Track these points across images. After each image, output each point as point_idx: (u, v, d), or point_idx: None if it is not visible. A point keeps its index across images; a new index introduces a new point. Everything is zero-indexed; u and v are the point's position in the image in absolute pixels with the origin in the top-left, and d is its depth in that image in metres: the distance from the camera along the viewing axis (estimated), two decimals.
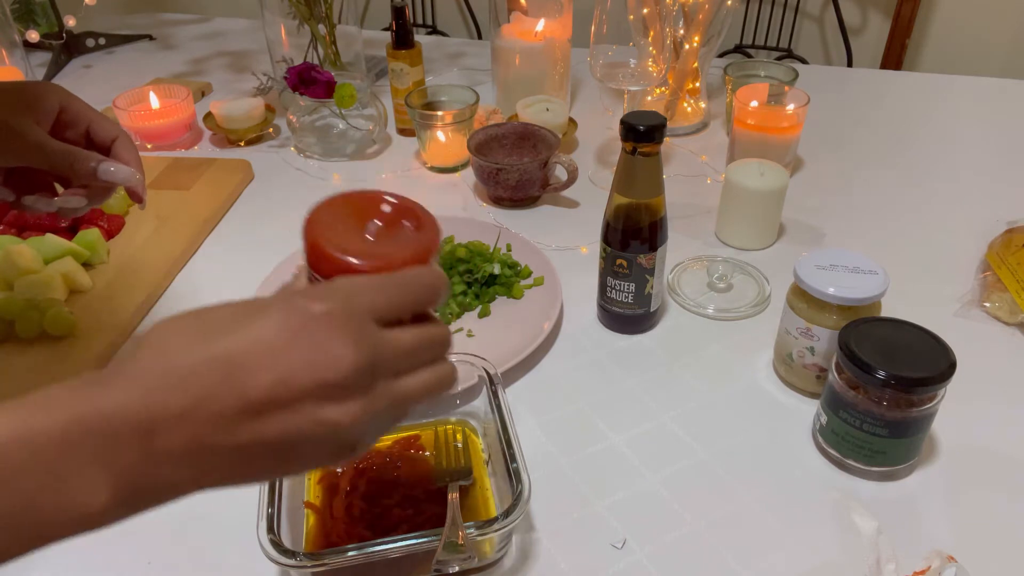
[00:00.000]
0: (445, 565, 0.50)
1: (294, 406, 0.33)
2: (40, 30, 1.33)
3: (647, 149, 0.64)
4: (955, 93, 1.25)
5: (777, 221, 0.87)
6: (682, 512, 0.57)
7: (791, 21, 2.07)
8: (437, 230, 0.42)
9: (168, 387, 0.31)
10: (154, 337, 0.33)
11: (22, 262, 0.76)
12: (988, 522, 0.56)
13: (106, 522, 0.31)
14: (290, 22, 1.13)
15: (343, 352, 0.33)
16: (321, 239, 0.40)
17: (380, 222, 0.42)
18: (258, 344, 0.33)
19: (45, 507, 0.29)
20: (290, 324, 0.33)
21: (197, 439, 0.31)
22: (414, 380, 0.38)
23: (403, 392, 0.37)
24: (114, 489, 0.30)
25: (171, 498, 0.33)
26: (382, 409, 0.36)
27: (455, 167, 1.05)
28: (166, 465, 0.31)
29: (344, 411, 0.34)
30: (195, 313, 0.34)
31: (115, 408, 0.30)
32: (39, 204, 0.60)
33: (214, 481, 0.33)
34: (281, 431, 0.33)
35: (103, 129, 0.61)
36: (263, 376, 0.32)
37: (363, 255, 0.39)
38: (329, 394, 0.33)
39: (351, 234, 0.41)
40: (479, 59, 1.39)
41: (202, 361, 0.32)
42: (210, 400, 0.31)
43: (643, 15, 0.86)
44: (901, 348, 0.56)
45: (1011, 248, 0.78)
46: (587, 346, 0.74)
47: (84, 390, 0.31)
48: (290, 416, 0.33)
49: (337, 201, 0.42)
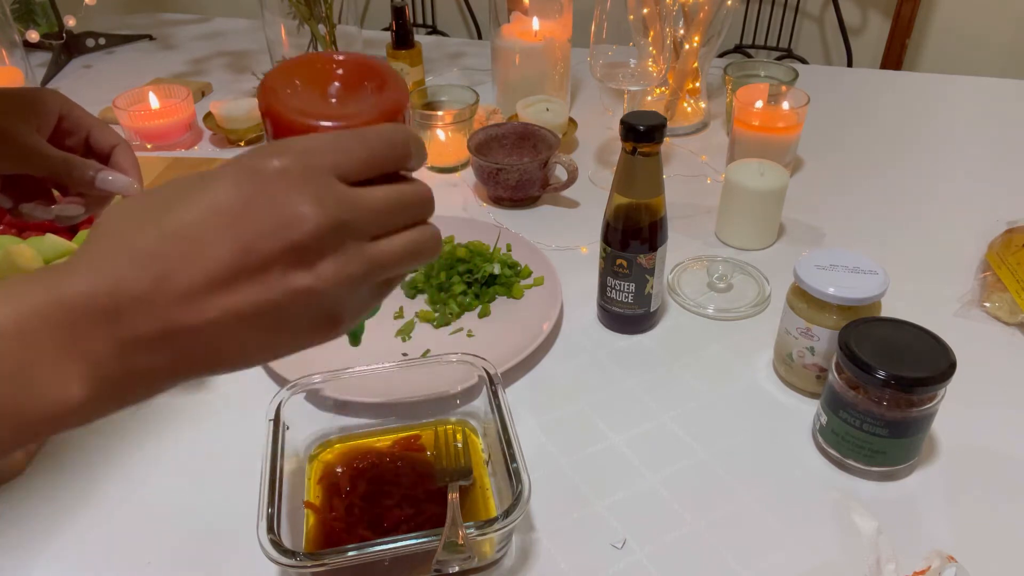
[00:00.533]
0: (445, 565, 0.50)
1: (261, 274, 0.31)
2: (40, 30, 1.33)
3: (647, 149, 0.64)
4: (955, 93, 1.25)
5: (777, 221, 0.87)
6: (682, 512, 0.57)
7: (791, 21, 2.07)
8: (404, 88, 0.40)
9: (127, 270, 0.30)
10: (107, 222, 0.32)
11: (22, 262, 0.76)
12: (988, 522, 0.56)
13: (89, 416, 0.30)
14: (290, 22, 1.13)
15: (306, 210, 0.31)
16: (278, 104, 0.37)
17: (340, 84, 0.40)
18: (214, 212, 0.31)
19: (19, 405, 0.29)
20: (245, 187, 0.31)
21: (164, 320, 0.30)
22: (391, 242, 0.35)
23: (380, 255, 0.34)
24: (88, 380, 0.29)
25: (152, 388, 0.32)
26: (358, 273, 0.33)
27: (455, 167, 1.05)
28: (139, 352, 0.30)
29: (315, 275, 0.32)
30: (148, 192, 0.33)
31: (75, 296, 0.29)
32: (37, 212, 0.59)
33: (194, 366, 0.32)
34: (252, 303, 0.31)
35: (103, 136, 0.61)
36: (224, 246, 0.30)
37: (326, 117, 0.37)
38: (297, 257, 0.31)
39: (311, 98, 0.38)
40: (479, 59, 1.39)
41: (159, 238, 0.30)
42: (172, 278, 0.30)
43: (643, 15, 0.86)
44: (901, 348, 0.56)
45: (1011, 248, 0.78)
46: (587, 346, 0.74)
47: (40, 281, 0.30)
48: (259, 286, 0.31)
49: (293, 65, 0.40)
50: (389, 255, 0.35)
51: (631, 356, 0.72)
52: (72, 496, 0.59)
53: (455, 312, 0.76)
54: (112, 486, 0.60)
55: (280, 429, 0.55)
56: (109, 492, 0.59)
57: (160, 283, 0.30)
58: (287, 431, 0.56)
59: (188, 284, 0.30)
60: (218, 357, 0.32)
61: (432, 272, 0.80)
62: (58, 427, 0.30)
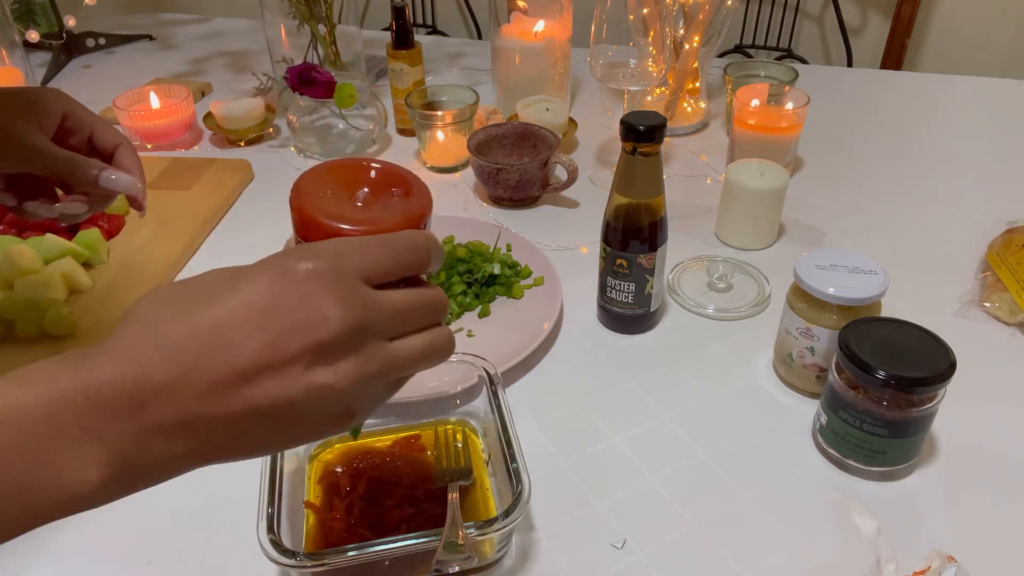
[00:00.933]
0: (445, 565, 0.50)
1: (285, 370, 0.32)
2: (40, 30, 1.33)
3: (647, 149, 0.64)
4: (955, 93, 1.25)
5: (777, 221, 0.87)
6: (682, 512, 0.57)
7: (791, 21, 2.07)
8: (427, 196, 0.41)
9: (156, 359, 0.31)
10: (139, 310, 0.33)
11: (22, 262, 0.76)
12: (988, 522, 0.56)
13: (101, 500, 0.31)
14: (290, 22, 1.13)
15: (332, 311, 0.32)
16: (308, 207, 0.38)
17: (368, 189, 0.41)
18: (245, 308, 0.32)
19: (36, 486, 0.29)
20: (276, 286, 0.32)
21: (188, 410, 0.31)
22: (409, 343, 0.36)
23: (398, 355, 0.36)
24: (106, 466, 0.30)
25: (167, 475, 0.32)
26: (376, 373, 0.34)
27: (455, 167, 1.05)
28: (158, 439, 0.31)
29: (336, 374, 0.33)
30: (180, 284, 0.34)
31: (103, 382, 0.30)
32: (40, 210, 0.60)
33: (209, 455, 0.33)
34: (273, 397, 0.32)
35: (106, 136, 0.61)
36: (251, 341, 0.31)
37: (353, 221, 0.38)
38: (320, 356, 0.32)
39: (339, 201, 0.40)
40: (479, 59, 1.39)
41: (189, 330, 0.31)
42: (199, 370, 0.31)
43: (643, 15, 0.86)
44: (901, 348, 0.56)
45: (1011, 248, 0.78)
46: (587, 346, 0.74)
47: (70, 365, 0.30)
48: (281, 381, 0.32)
49: (323, 169, 0.41)
50: (406, 355, 0.36)
51: (631, 356, 0.72)
52: None
53: (455, 312, 0.76)
54: None
55: None
56: None
57: (187, 374, 0.31)
58: None
59: (215, 376, 0.31)
60: (236, 446, 0.33)
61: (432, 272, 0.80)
62: (69, 510, 0.30)
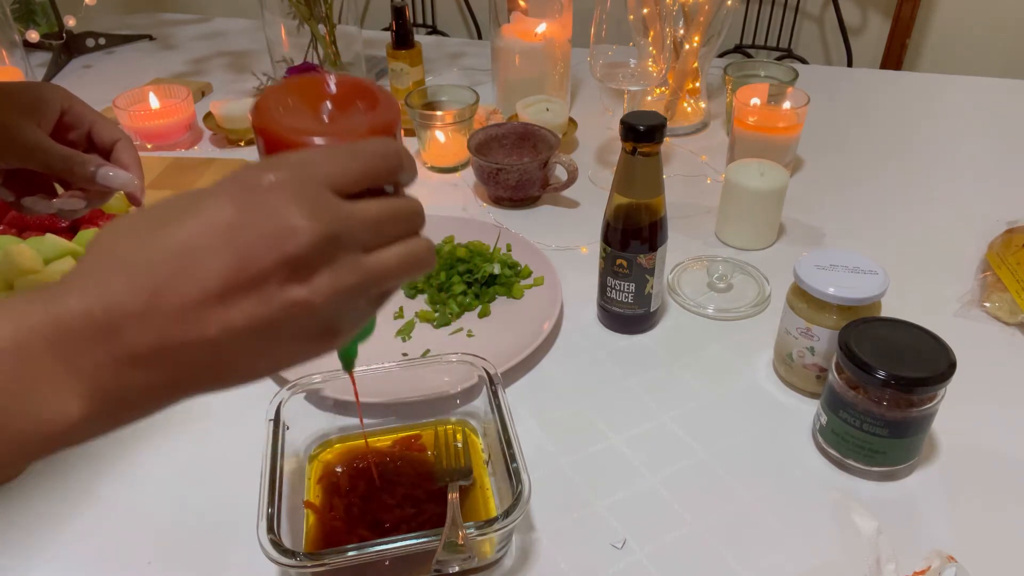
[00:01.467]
0: (445, 565, 0.50)
1: (258, 288, 0.31)
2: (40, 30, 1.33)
3: (647, 149, 0.64)
4: (955, 93, 1.25)
5: (777, 221, 0.87)
6: (682, 512, 0.57)
7: (791, 21, 2.07)
8: (395, 106, 0.41)
9: (122, 285, 0.30)
10: (102, 240, 0.32)
11: (22, 262, 0.76)
12: (988, 522, 0.56)
13: (87, 434, 0.30)
14: (290, 22, 1.13)
15: (301, 222, 0.31)
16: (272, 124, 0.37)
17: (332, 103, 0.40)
18: (209, 226, 0.31)
19: (17, 420, 0.29)
20: (241, 200, 0.31)
21: (162, 336, 0.30)
22: (386, 254, 0.35)
23: (375, 267, 0.34)
24: (87, 398, 0.29)
25: (151, 406, 0.32)
26: (354, 285, 0.33)
27: (455, 167, 1.05)
28: (137, 368, 0.30)
29: (312, 288, 0.32)
30: (142, 210, 0.33)
31: (71, 314, 0.29)
32: (38, 205, 0.60)
33: (192, 383, 0.32)
34: (248, 316, 0.31)
35: (105, 132, 0.61)
36: (219, 259, 0.30)
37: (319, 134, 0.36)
38: (293, 270, 0.31)
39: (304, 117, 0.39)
40: (479, 59, 1.39)
41: (154, 254, 0.30)
42: (168, 293, 0.30)
43: (643, 15, 0.86)
44: (901, 348, 0.56)
45: (1011, 248, 0.78)
46: (587, 346, 0.74)
47: (37, 300, 0.30)
48: (255, 299, 0.31)
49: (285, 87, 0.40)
50: (384, 266, 0.35)
51: (631, 356, 0.72)
52: (72, 496, 0.59)
53: (455, 312, 0.76)
54: (112, 486, 0.60)
55: (280, 429, 0.55)
56: (109, 492, 0.59)
57: (155, 298, 0.30)
58: (287, 431, 0.56)
59: (184, 299, 0.30)
60: (217, 372, 0.32)
61: (432, 272, 0.80)
62: (58, 444, 0.30)
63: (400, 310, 0.77)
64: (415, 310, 0.77)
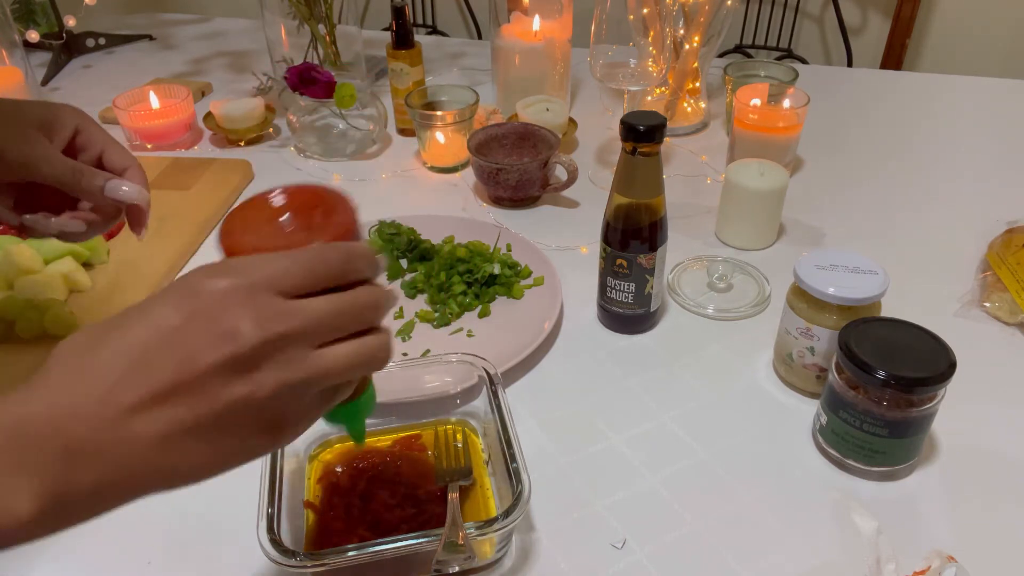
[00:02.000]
0: (445, 565, 0.50)
1: (203, 386, 0.32)
2: (40, 30, 1.33)
3: (647, 149, 0.64)
4: (955, 93, 1.25)
5: (777, 221, 0.87)
6: (682, 512, 0.57)
7: (791, 21, 2.07)
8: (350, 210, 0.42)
9: (76, 387, 0.31)
10: (62, 349, 0.33)
11: (22, 262, 0.76)
12: (988, 522, 0.56)
13: (39, 532, 0.31)
14: (290, 22, 1.13)
15: (243, 324, 0.33)
16: (235, 245, 0.39)
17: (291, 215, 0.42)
18: (157, 329, 0.32)
19: None
20: (186, 306, 0.33)
21: (111, 434, 0.31)
22: (336, 350, 0.36)
23: (323, 362, 0.35)
24: (36, 495, 0.30)
25: (103, 505, 0.33)
26: (299, 380, 0.34)
27: (455, 167, 1.05)
28: (87, 467, 0.31)
29: (255, 384, 0.33)
30: (98, 322, 0.34)
31: (25, 415, 0.31)
32: (39, 224, 0.59)
33: (143, 481, 0.33)
34: (193, 414, 0.32)
35: (116, 156, 0.60)
36: (165, 361, 0.32)
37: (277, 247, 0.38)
38: (236, 369, 0.32)
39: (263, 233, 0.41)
40: (479, 59, 1.39)
41: (105, 357, 0.32)
42: (117, 394, 0.31)
43: (643, 15, 0.86)
44: (901, 348, 0.56)
45: (1011, 248, 0.78)
46: (587, 346, 0.74)
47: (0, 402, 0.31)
48: (199, 397, 0.32)
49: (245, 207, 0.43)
50: (331, 362, 0.35)
51: (631, 356, 0.72)
52: None
53: (455, 312, 0.76)
54: None
55: None
56: None
57: (105, 398, 0.31)
58: None
59: (132, 399, 0.31)
60: (165, 471, 0.33)
61: (432, 272, 0.80)
62: (5, 543, 0.31)
63: (400, 310, 0.77)
64: (415, 310, 0.77)
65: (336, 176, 1.04)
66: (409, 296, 0.79)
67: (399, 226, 0.85)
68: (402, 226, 0.85)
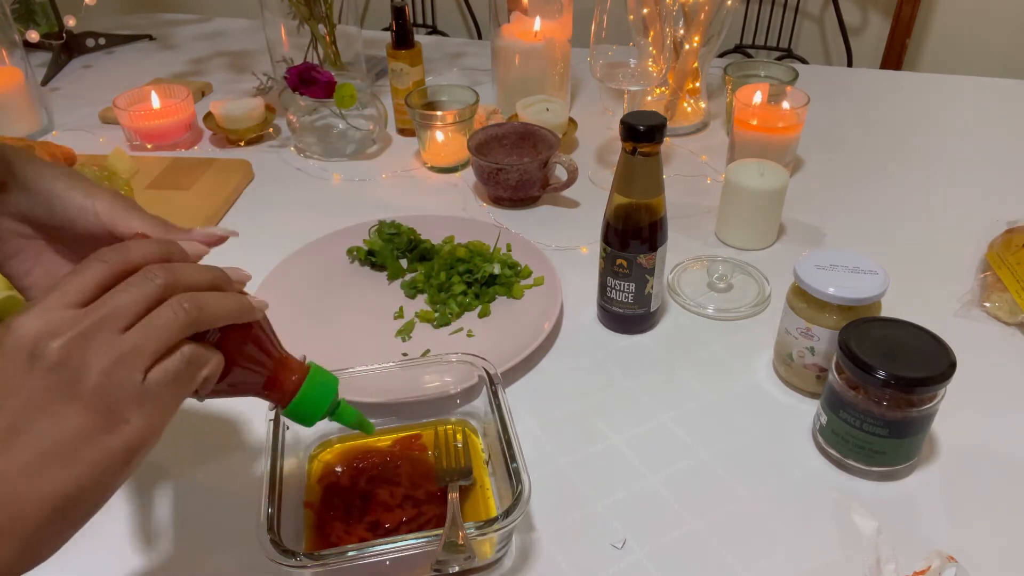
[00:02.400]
0: (445, 565, 0.50)
1: (16, 385, 0.35)
2: (40, 30, 1.33)
3: (647, 149, 0.64)
4: (955, 93, 1.25)
5: (777, 221, 0.87)
6: (682, 512, 0.57)
7: (791, 21, 2.07)
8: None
9: None
10: None
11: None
12: (988, 522, 0.56)
13: None
14: (290, 22, 1.13)
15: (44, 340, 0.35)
16: None
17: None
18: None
19: None
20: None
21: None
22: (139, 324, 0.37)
23: (131, 338, 0.36)
24: None
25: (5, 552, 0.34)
26: (115, 361, 0.35)
27: (455, 167, 1.05)
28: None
29: (79, 380, 0.35)
30: None
31: None
32: None
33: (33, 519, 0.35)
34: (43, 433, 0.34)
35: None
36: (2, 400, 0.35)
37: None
38: (31, 355, 0.35)
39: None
40: (479, 59, 1.39)
41: None
42: None
43: (643, 15, 0.86)
44: (901, 348, 0.56)
45: (1011, 248, 0.78)
46: (587, 346, 0.74)
47: None
48: (20, 399, 0.34)
49: None
50: (140, 334, 0.36)
51: (631, 356, 0.72)
52: None
53: (455, 312, 0.76)
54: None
55: (280, 429, 0.55)
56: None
57: None
58: (287, 431, 0.56)
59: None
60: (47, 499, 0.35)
61: (432, 272, 0.80)
62: None
63: (400, 310, 0.77)
64: (415, 310, 0.77)
65: (336, 176, 1.04)
66: (409, 296, 0.79)
67: (399, 226, 0.85)
68: (402, 226, 0.85)
